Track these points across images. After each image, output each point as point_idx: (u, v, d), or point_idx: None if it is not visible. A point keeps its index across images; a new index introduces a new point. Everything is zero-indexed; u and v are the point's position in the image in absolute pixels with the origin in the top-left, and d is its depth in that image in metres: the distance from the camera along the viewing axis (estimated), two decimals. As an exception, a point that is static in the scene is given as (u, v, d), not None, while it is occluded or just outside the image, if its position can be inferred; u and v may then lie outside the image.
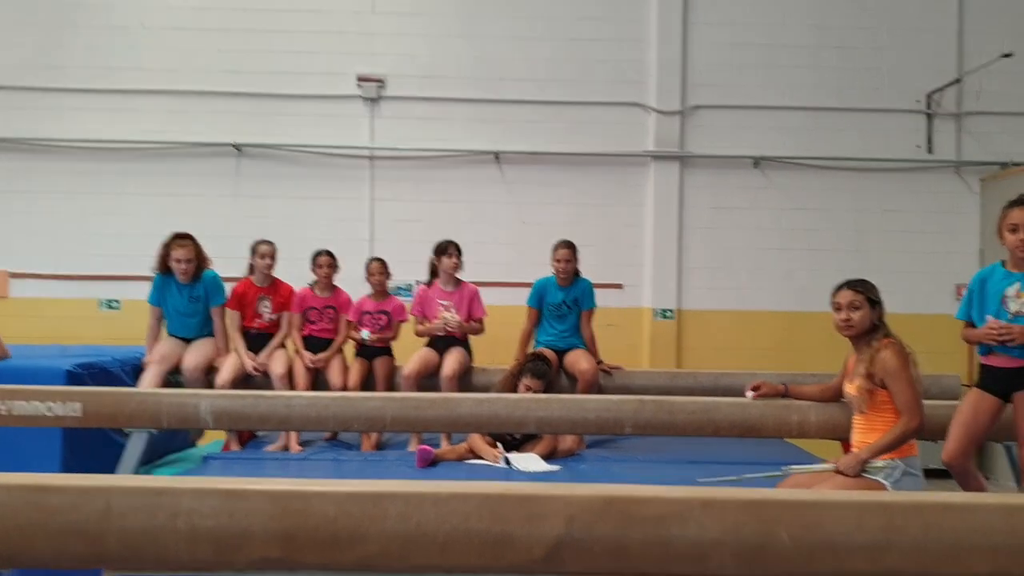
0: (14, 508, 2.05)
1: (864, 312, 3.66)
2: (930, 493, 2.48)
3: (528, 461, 4.79)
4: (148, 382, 5.18)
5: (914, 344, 3.73)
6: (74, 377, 4.79)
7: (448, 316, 5.58)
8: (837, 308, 3.71)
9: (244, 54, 7.82)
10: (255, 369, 5.39)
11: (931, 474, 6.66)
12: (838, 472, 3.57)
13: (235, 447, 5.45)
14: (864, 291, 3.69)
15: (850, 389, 3.73)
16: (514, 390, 5.10)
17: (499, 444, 4.98)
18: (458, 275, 5.77)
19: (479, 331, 5.71)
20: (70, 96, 7.78)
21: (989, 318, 3.89)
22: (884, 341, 3.61)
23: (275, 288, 5.71)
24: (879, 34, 8.02)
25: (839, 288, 3.75)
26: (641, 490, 2.15)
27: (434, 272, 5.80)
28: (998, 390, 3.92)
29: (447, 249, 5.70)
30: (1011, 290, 3.88)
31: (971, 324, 4.04)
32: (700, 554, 2.09)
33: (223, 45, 7.82)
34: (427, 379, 5.44)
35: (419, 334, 5.69)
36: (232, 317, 5.59)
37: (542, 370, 5.20)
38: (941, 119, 8.03)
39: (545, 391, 5.09)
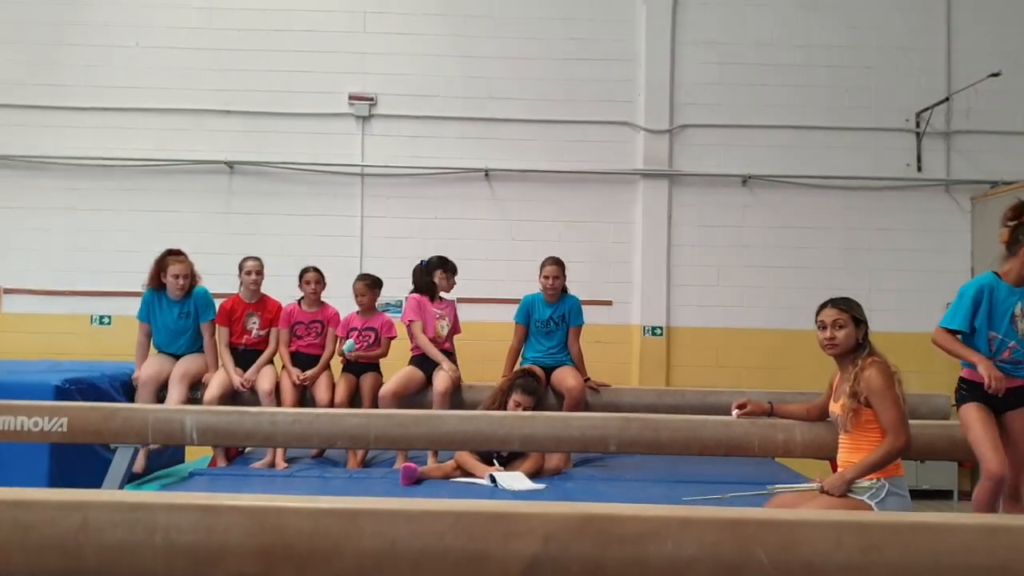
0: (-10, 524, 2.05)
1: (848, 331, 3.63)
2: (909, 513, 2.48)
3: (514, 480, 4.77)
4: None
5: (904, 363, 3.71)
6: (62, 392, 4.80)
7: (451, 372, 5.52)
8: (821, 327, 3.68)
9: (237, 73, 7.85)
10: (242, 385, 5.38)
11: (918, 495, 6.67)
12: (823, 492, 3.56)
13: (222, 463, 5.44)
14: (848, 309, 3.65)
15: (835, 408, 3.71)
16: (503, 406, 5.07)
17: (495, 461, 4.98)
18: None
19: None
20: (65, 114, 7.79)
21: (993, 334, 3.90)
22: (868, 360, 3.57)
23: (263, 304, 5.72)
24: (868, 53, 8.06)
25: (823, 306, 3.71)
26: (619, 508, 2.15)
27: (425, 282, 5.80)
28: (991, 406, 3.92)
29: (456, 270, 5.81)
30: (1018, 308, 3.88)
31: (952, 332, 4.02)
32: (677, 573, 2.09)
33: (217, 64, 7.85)
34: (410, 398, 5.40)
35: (421, 346, 5.59)
36: (220, 333, 5.59)
37: (532, 386, 5.17)
38: (930, 138, 8.05)
39: (535, 408, 5.09)
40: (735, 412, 4.19)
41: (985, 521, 2.21)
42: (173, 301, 5.54)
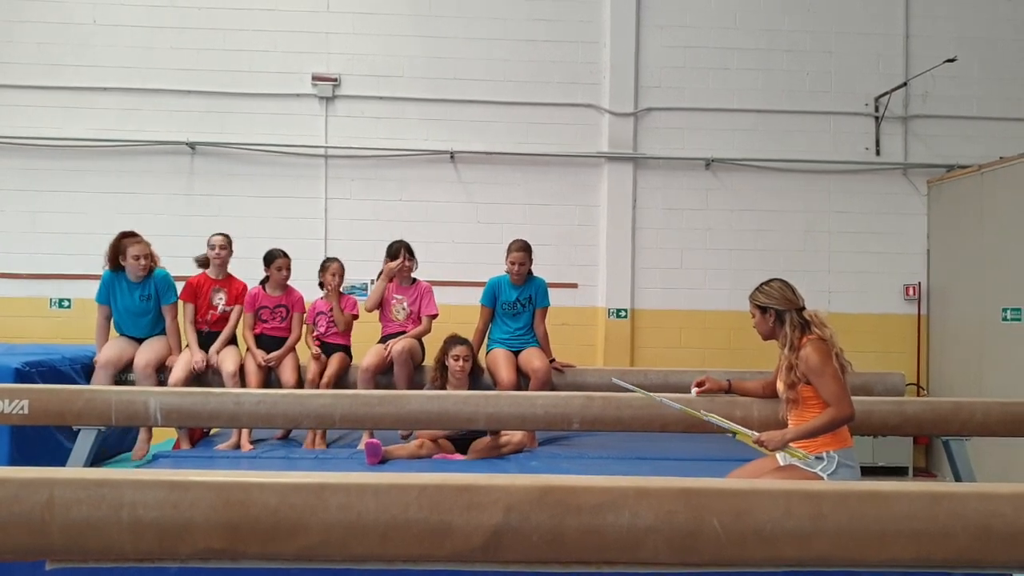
0: (-46, 501, 2.06)
1: (757, 320, 3.87)
2: (856, 482, 2.56)
3: None
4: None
5: (863, 343, 3.83)
6: (22, 375, 4.77)
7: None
8: None
9: (198, 52, 7.77)
10: (198, 363, 5.33)
11: (874, 472, 6.80)
12: (758, 443, 3.68)
13: (186, 446, 5.42)
14: (752, 300, 3.89)
15: (779, 386, 3.83)
16: (444, 372, 5.27)
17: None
18: (413, 275, 5.83)
19: (426, 331, 5.72)
20: (21, 93, 7.67)
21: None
22: (804, 339, 3.70)
23: (229, 282, 5.71)
24: (828, 38, 8.16)
25: None
26: (577, 480, 2.21)
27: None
28: None
29: (398, 252, 5.73)
30: None
31: None
32: (634, 541, 2.16)
33: (177, 43, 7.76)
34: (384, 375, 5.46)
35: (368, 309, 5.78)
36: (186, 311, 5.56)
37: (460, 339, 5.36)
38: (889, 122, 8.18)
39: (472, 356, 5.33)
40: (694, 390, 4.26)
41: (929, 489, 2.29)
42: (134, 283, 5.48)
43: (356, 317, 5.81)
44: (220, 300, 5.65)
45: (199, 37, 7.77)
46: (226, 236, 5.76)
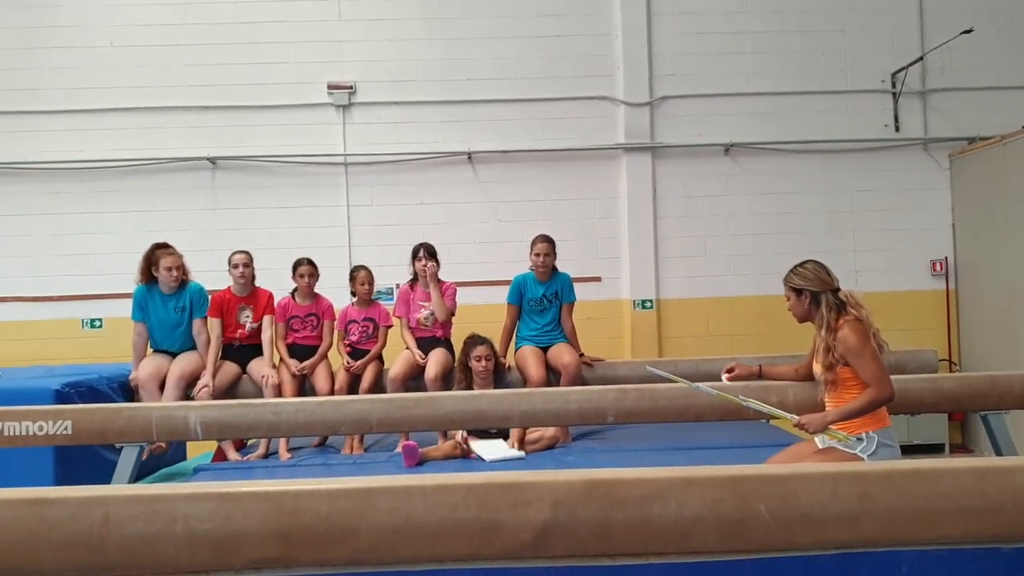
0: (15, 522, 2.09)
1: (792, 303, 3.83)
2: (901, 461, 2.55)
3: (492, 449, 4.91)
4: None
5: (892, 320, 3.80)
6: (62, 396, 4.85)
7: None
8: None
9: (214, 68, 7.84)
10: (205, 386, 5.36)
11: (910, 450, 6.76)
12: (799, 426, 3.66)
13: (234, 455, 5.48)
14: (787, 283, 3.84)
15: (816, 368, 3.82)
16: (469, 375, 5.30)
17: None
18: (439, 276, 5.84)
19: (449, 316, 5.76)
20: (42, 118, 7.77)
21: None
22: (841, 320, 3.68)
23: (254, 297, 5.70)
24: (840, 16, 8.11)
25: None
26: (622, 472, 2.22)
27: (412, 271, 5.87)
28: None
29: (417, 252, 5.75)
30: None
31: None
32: (682, 531, 2.16)
33: (192, 60, 7.83)
34: (413, 380, 5.49)
35: (403, 339, 5.74)
36: (212, 324, 5.59)
37: (479, 339, 5.39)
38: (907, 97, 8.13)
39: (493, 354, 5.36)
40: (724, 377, 4.24)
41: (974, 464, 2.28)
42: (167, 295, 5.53)
43: (390, 326, 5.83)
44: (247, 319, 5.65)
45: (214, 53, 7.83)
46: (247, 253, 5.69)
